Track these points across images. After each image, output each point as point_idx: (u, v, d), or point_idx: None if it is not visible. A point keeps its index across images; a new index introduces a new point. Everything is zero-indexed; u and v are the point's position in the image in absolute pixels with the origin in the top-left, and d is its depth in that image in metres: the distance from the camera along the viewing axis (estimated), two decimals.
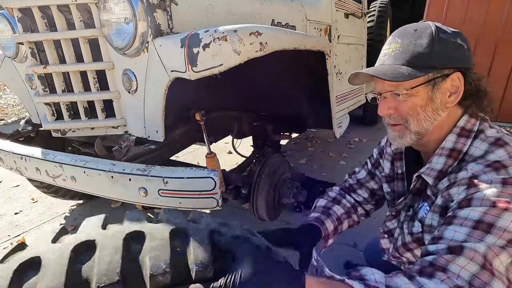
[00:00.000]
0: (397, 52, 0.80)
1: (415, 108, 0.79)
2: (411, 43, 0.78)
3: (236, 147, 1.90)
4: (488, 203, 0.63)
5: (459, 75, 0.77)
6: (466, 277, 0.58)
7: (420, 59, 0.76)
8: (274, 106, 1.94)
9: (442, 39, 0.76)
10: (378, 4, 3.87)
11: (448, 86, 0.77)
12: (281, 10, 1.74)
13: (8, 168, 1.36)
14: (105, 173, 1.02)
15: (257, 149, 2.22)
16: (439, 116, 0.79)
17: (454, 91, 0.77)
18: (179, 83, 1.06)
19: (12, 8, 1.16)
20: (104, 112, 1.25)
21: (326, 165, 3.20)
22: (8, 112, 5.88)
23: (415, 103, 0.79)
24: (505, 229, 0.60)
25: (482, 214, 0.63)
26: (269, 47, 1.06)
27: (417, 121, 0.80)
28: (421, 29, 0.79)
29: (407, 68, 0.77)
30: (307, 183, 2.17)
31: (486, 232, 0.61)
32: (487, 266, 0.58)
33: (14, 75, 1.64)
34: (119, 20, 1.06)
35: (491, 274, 0.58)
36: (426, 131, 0.81)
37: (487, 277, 0.57)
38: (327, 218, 1.04)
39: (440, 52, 0.75)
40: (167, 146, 1.35)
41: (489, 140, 0.74)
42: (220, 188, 0.98)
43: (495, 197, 0.63)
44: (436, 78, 0.76)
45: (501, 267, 0.59)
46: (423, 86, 0.77)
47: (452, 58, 0.76)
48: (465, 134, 0.78)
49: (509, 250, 0.60)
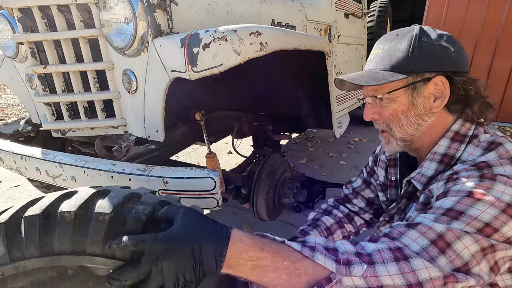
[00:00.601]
0: (378, 57, 0.80)
1: (396, 114, 0.78)
2: (391, 48, 0.77)
3: (236, 147, 1.90)
4: (463, 194, 0.62)
5: (442, 78, 0.73)
6: (414, 249, 0.57)
7: (399, 63, 0.75)
8: (274, 106, 1.94)
9: (423, 42, 0.74)
10: (378, 4, 3.87)
11: (431, 90, 0.74)
12: (281, 10, 1.74)
13: (8, 168, 1.36)
14: (105, 173, 1.02)
15: (257, 149, 2.22)
16: (424, 122, 0.77)
17: (439, 96, 0.75)
18: (179, 83, 1.06)
19: (12, 8, 1.15)
20: (104, 112, 1.25)
21: (326, 165, 3.20)
22: (8, 112, 5.88)
23: (396, 109, 0.77)
24: (475, 218, 0.58)
25: (454, 203, 0.61)
26: (269, 47, 1.06)
27: (400, 127, 0.79)
28: (403, 33, 0.78)
29: (384, 73, 0.76)
30: (307, 183, 2.17)
31: (453, 219, 0.59)
32: (438, 243, 0.56)
33: (14, 75, 1.64)
34: (119, 20, 1.06)
35: (439, 251, 0.56)
36: (412, 137, 0.79)
37: (434, 252, 0.56)
38: (314, 229, 1.03)
39: (420, 55, 0.73)
40: (167, 146, 1.35)
41: (482, 145, 0.72)
42: (220, 188, 0.98)
43: (471, 189, 0.62)
44: (416, 82, 0.74)
45: (466, 252, 0.55)
46: (402, 90, 0.76)
47: (434, 62, 0.74)
48: (459, 139, 0.75)
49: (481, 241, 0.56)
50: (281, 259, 0.56)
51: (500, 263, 0.58)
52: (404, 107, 0.77)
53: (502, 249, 0.57)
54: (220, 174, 1.37)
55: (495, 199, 0.59)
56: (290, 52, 1.23)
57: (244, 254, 0.55)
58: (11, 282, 0.60)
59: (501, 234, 0.57)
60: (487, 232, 0.57)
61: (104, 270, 0.60)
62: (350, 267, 0.55)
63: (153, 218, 0.62)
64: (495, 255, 0.57)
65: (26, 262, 0.59)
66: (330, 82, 1.65)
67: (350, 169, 3.11)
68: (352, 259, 0.56)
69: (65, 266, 0.61)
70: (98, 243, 0.60)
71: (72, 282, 0.63)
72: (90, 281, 0.63)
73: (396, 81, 0.74)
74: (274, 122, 2.11)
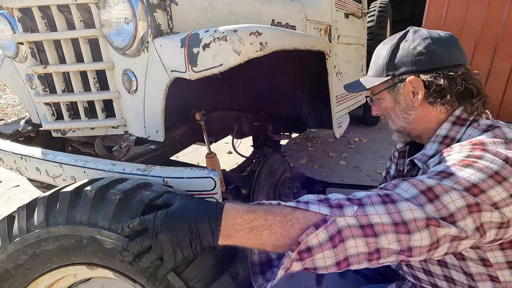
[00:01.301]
0: (371, 65, 0.95)
1: (386, 110, 0.92)
2: (377, 56, 0.92)
3: (236, 147, 1.90)
4: (454, 161, 0.67)
5: (414, 77, 0.83)
6: (404, 196, 0.61)
7: (381, 69, 0.89)
8: (274, 106, 1.94)
9: (399, 48, 0.86)
10: (378, 4, 3.87)
11: (410, 88, 0.84)
12: (281, 10, 1.74)
13: (8, 168, 1.36)
14: (105, 173, 1.02)
15: (257, 149, 2.22)
16: (410, 115, 0.87)
17: (417, 92, 0.84)
18: (179, 83, 1.06)
19: (12, 8, 1.15)
20: (104, 112, 1.25)
21: (326, 165, 3.20)
22: (8, 112, 5.88)
23: (385, 106, 0.92)
24: (464, 178, 0.61)
25: (446, 167, 0.66)
26: (269, 47, 1.06)
27: (391, 121, 0.93)
28: (388, 41, 0.90)
29: (371, 78, 0.92)
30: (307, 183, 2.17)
31: (443, 178, 0.63)
32: (427, 194, 0.60)
33: (14, 75, 1.63)
34: (119, 20, 1.06)
35: (428, 200, 0.59)
36: (404, 128, 0.91)
37: (423, 200, 0.59)
38: None
39: (397, 60, 0.85)
40: (167, 146, 1.35)
41: (481, 128, 0.77)
42: (220, 188, 0.98)
43: (461, 157, 0.67)
44: (395, 83, 0.86)
45: (452, 205, 0.59)
46: (385, 91, 0.89)
47: (409, 63, 0.83)
48: (460, 122, 0.81)
49: (467, 197, 0.59)
50: (273, 216, 0.60)
51: (486, 227, 0.61)
52: (391, 104, 0.90)
53: (487, 210, 0.59)
54: (220, 174, 1.37)
55: (484, 166, 0.63)
56: (290, 52, 1.23)
57: (239, 219, 0.60)
58: (44, 244, 0.79)
59: (488, 196, 0.60)
60: (474, 192, 0.60)
61: (110, 243, 0.74)
62: (342, 209, 0.60)
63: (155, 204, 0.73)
64: (481, 216, 0.60)
65: (56, 228, 0.76)
66: (330, 82, 1.65)
67: (350, 169, 3.11)
68: (343, 203, 0.62)
69: (81, 235, 0.76)
70: (108, 219, 0.74)
71: (85, 251, 0.77)
72: (99, 252, 0.76)
73: (379, 84, 0.89)
74: (274, 122, 2.11)
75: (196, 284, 0.73)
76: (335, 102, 2.07)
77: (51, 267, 0.82)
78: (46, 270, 0.83)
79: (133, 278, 0.77)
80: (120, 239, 0.72)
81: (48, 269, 0.82)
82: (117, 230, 0.72)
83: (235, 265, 0.80)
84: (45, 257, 0.81)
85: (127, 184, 0.82)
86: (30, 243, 0.79)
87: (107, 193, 0.78)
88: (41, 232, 0.78)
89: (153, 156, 1.29)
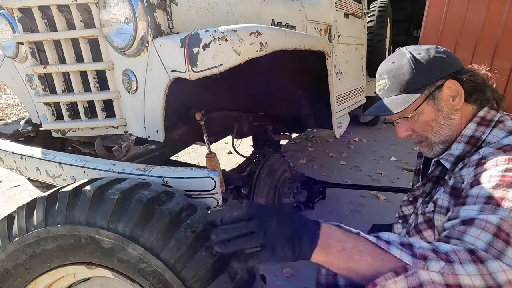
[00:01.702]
0: (387, 85, 0.90)
1: (428, 124, 0.88)
2: (396, 74, 0.88)
3: (236, 147, 1.90)
4: (496, 179, 0.66)
5: (451, 81, 0.84)
6: (481, 246, 0.58)
7: (410, 84, 0.86)
8: (274, 106, 1.94)
9: (419, 60, 0.86)
10: (378, 4, 3.87)
11: (447, 93, 0.85)
12: (281, 10, 1.74)
13: (8, 168, 1.36)
14: (105, 173, 1.02)
15: (257, 149, 2.22)
16: (453, 120, 0.86)
17: (455, 94, 0.84)
18: (179, 83, 1.06)
19: (12, 8, 1.15)
20: (104, 112, 1.25)
21: (326, 165, 3.20)
22: (8, 112, 5.88)
23: (426, 120, 0.88)
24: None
25: (491, 190, 0.65)
26: (269, 47, 1.06)
27: (435, 133, 0.89)
28: (398, 60, 0.89)
29: (403, 96, 0.86)
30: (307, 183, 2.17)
31: (497, 206, 0.62)
32: (501, 236, 0.58)
33: (14, 75, 1.63)
34: (119, 20, 1.06)
35: (505, 243, 0.57)
36: (448, 137, 0.88)
37: (501, 245, 0.57)
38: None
39: (424, 70, 0.85)
40: (167, 146, 1.35)
41: (507, 129, 0.79)
42: (220, 188, 0.98)
43: (502, 173, 0.67)
44: (432, 92, 0.85)
45: None
46: (424, 103, 0.86)
47: (436, 71, 0.85)
48: (485, 123, 0.83)
49: None
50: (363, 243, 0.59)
51: None
52: (432, 115, 0.87)
53: None
54: (220, 174, 1.37)
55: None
56: (290, 52, 1.23)
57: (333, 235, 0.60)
58: (43, 243, 0.79)
59: None
60: None
61: (108, 242, 0.74)
62: (427, 262, 0.56)
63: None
64: None
65: (55, 228, 0.77)
66: (330, 82, 1.65)
67: (350, 169, 3.11)
68: (428, 254, 0.57)
69: (80, 235, 0.76)
70: (106, 218, 0.74)
71: (84, 251, 0.78)
72: (98, 252, 0.76)
73: (418, 98, 0.85)
74: (274, 122, 2.11)
75: (194, 284, 0.73)
76: (335, 102, 2.07)
77: (51, 267, 0.82)
78: (45, 270, 0.83)
79: (131, 278, 0.78)
80: (118, 238, 0.72)
81: (48, 268, 0.83)
82: (115, 229, 0.73)
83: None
84: (45, 256, 0.81)
85: (125, 183, 0.82)
86: (29, 242, 0.80)
87: (106, 192, 0.78)
88: (40, 232, 0.78)
89: (153, 156, 1.29)
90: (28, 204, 0.83)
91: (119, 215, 0.75)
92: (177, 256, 0.74)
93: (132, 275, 0.77)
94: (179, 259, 0.74)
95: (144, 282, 0.76)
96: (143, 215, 0.75)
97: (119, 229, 0.74)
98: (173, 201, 0.82)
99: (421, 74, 0.85)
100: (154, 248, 0.74)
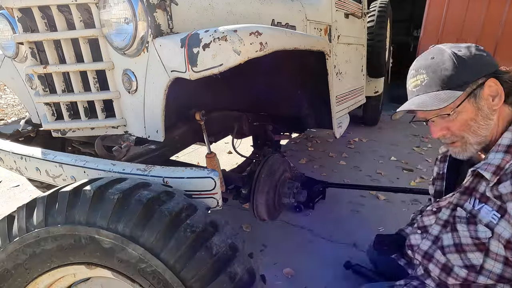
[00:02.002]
0: (426, 81, 0.86)
1: (466, 123, 0.85)
2: (437, 70, 0.84)
3: (236, 147, 1.90)
4: None
5: (492, 79, 0.83)
6: None
7: (452, 80, 0.82)
8: (274, 106, 1.94)
9: (461, 57, 0.83)
10: (378, 4, 3.86)
11: (488, 92, 0.83)
12: (281, 10, 1.74)
13: (8, 168, 1.36)
14: (105, 173, 1.02)
15: (257, 149, 2.22)
16: (492, 121, 0.84)
17: (495, 94, 0.83)
18: (179, 83, 1.06)
19: (12, 8, 1.15)
20: (104, 112, 1.25)
21: (326, 165, 3.20)
22: (8, 112, 5.88)
23: (465, 119, 0.85)
24: None
25: None
26: (269, 47, 1.06)
27: (473, 133, 0.86)
28: (438, 55, 0.86)
29: (445, 92, 0.83)
30: (307, 183, 2.17)
31: None
32: None
33: (14, 75, 1.63)
34: (119, 20, 1.06)
35: None
36: (485, 137, 0.86)
37: None
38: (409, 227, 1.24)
39: (466, 67, 0.82)
40: (167, 146, 1.35)
41: None
42: (220, 188, 0.98)
43: None
44: (474, 90, 0.83)
45: None
46: (466, 101, 0.83)
47: (478, 68, 0.83)
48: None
49: None
50: None
51: None
52: (472, 114, 0.84)
53: None
54: (220, 174, 1.37)
55: None
56: (290, 52, 1.23)
57: None
58: (43, 243, 0.79)
59: None
60: None
61: (108, 242, 0.74)
62: None
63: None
64: None
65: (55, 228, 0.77)
66: (330, 82, 1.65)
67: (350, 169, 3.11)
68: None
69: (79, 235, 0.76)
70: (106, 218, 0.74)
71: (84, 251, 0.78)
72: (98, 252, 0.77)
73: (461, 95, 0.82)
74: (274, 122, 2.11)
75: (194, 284, 0.73)
76: (335, 102, 2.07)
77: (51, 267, 0.83)
78: (45, 270, 0.83)
79: (131, 278, 0.78)
80: (118, 238, 0.73)
81: (48, 268, 0.83)
82: (115, 229, 0.74)
83: (233, 265, 0.80)
84: (45, 256, 0.81)
85: (125, 183, 0.83)
86: (29, 242, 0.80)
87: (106, 192, 0.78)
88: (40, 232, 0.78)
89: (153, 156, 1.29)
90: (28, 204, 0.83)
91: (119, 215, 0.75)
92: (177, 256, 0.74)
93: (132, 275, 0.77)
94: (179, 259, 0.74)
95: (144, 282, 0.76)
96: (143, 215, 0.76)
97: (119, 229, 0.74)
98: (173, 201, 0.82)
99: (464, 70, 0.82)
100: (154, 248, 0.74)
